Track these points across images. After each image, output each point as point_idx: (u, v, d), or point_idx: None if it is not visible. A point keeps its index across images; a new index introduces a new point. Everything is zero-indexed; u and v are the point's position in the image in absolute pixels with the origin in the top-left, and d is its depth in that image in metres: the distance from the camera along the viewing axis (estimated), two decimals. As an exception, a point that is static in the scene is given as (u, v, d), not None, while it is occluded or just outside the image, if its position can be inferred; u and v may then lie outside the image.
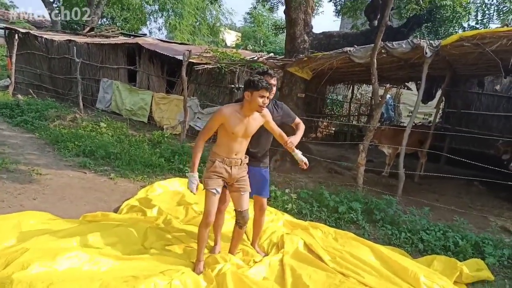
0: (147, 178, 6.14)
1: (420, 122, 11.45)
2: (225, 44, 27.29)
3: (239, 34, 30.76)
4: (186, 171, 6.53)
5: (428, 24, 8.46)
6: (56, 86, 13.84)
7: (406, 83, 11.59)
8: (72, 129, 8.76)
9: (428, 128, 7.92)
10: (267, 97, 2.99)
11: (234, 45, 26.09)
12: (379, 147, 8.08)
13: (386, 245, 4.47)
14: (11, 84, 12.99)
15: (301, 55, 6.90)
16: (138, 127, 10.81)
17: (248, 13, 21.07)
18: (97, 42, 12.58)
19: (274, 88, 3.38)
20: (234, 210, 3.30)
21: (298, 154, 3.39)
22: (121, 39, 13.07)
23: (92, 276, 2.62)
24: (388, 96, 14.00)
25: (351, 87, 12.18)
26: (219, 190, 3.11)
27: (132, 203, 4.56)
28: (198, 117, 10.55)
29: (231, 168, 3.12)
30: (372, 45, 5.95)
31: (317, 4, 10.01)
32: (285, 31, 7.86)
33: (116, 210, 4.62)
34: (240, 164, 3.16)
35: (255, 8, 17.61)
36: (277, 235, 3.93)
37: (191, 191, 3.03)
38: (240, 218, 3.24)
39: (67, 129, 8.73)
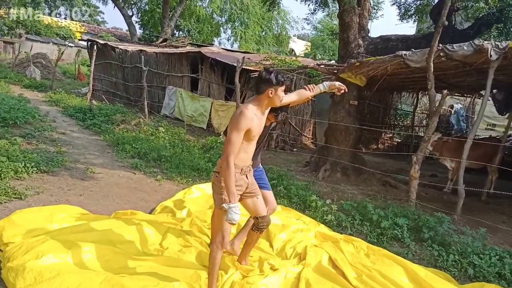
0: (192, 182, 6.24)
1: (498, 136, 10.35)
2: (294, 53, 27.34)
3: (308, 44, 30.62)
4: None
5: (499, 25, 7.56)
6: (128, 93, 14.83)
7: (480, 92, 10.55)
8: (133, 132, 9.27)
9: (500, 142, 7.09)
10: None
11: (302, 55, 26.01)
12: (440, 160, 7.42)
13: (432, 267, 4.04)
14: (89, 90, 14.16)
15: (352, 60, 6.60)
16: (197, 133, 11.15)
17: (305, 19, 20.58)
18: (164, 52, 13.26)
19: None
20: (254, 217, 3.15)
21: (325, 84, 3.24)
22: (186, 49, 13.63)
23: (98, 271, 2.68)
24: (459, 106, 12.91)
25: (416, 96, 11.41)
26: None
27: (166, 204, 4.65)
28: (254, 124, 10.60)
29: (247, 177, 2.90)
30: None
31: (375, 7, 9.55)
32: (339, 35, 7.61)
33: (152, 210, 4.74)
34: (249, 170, 2.97)
35: (312, 13, 17.21)
36: (303, 245, 3.73)
37: (232, 223, 2.61)
38: (263, 223, 3.03)
39: (130, 132, 9.25)
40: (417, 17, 9.32)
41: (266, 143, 3.00)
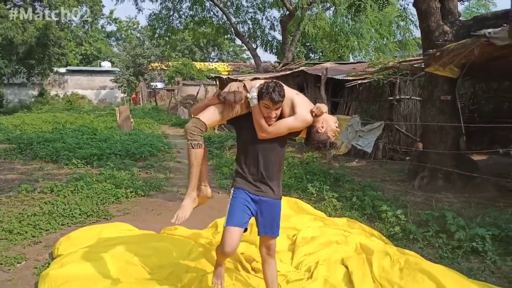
0: (268, 198, 6.32)
1: None
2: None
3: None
4: (308, 190, 6.39)
5: None
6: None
7: None
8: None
9: None
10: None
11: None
12: None
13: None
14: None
15: (431, 51, 5.81)
16: (306, 150, 11.18)
17: (398, 16, 17.69)
18: (272, 76, 13.82)
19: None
20: None
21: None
22: (290, 70, 13.93)
23: (104, 279, 3.03)
24: None
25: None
26: None
27: (219, 221, 4.78)
28: (359, 135, 10.09)
29: None
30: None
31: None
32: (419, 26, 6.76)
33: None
34: None
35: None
36: (328, 259, 3.43)
37: None
38: None
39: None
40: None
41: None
